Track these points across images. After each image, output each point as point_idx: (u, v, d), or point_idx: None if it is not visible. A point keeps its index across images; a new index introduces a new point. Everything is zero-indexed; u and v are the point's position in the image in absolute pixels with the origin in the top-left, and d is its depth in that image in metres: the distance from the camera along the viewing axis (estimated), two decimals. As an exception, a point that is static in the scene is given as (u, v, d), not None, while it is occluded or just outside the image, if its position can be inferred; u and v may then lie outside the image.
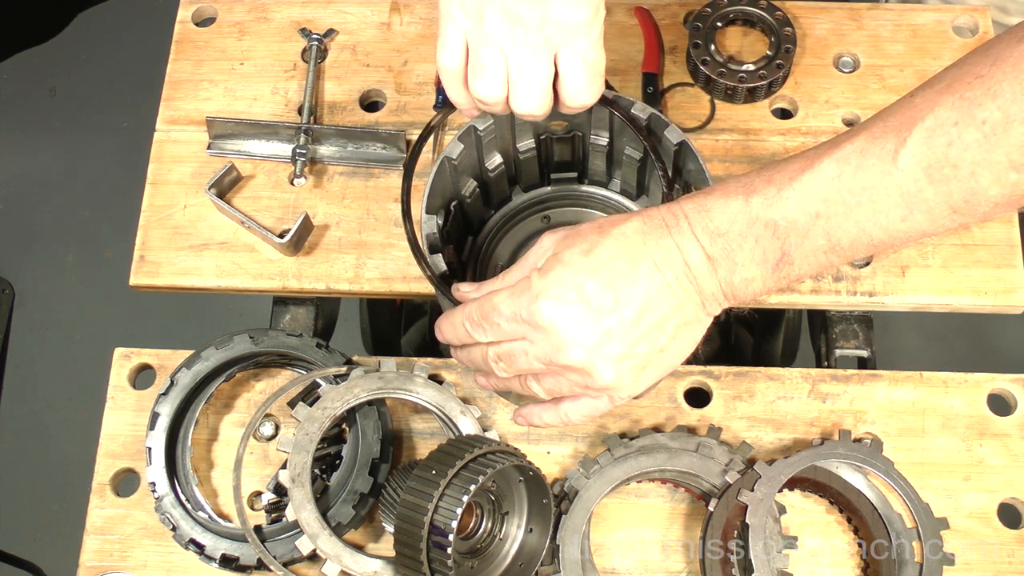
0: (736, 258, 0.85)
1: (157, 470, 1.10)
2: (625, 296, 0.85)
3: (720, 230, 0.85)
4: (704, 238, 0.85)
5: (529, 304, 0.86)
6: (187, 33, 1.35)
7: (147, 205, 1.26)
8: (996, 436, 1.13)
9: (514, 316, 0.87)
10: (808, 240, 0.84)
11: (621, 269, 0.85)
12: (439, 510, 0.94)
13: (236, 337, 1.14)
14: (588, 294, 0.84)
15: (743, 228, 0.84)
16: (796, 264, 0.85)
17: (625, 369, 0.87)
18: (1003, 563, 1.08)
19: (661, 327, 0.87)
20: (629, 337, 0.86)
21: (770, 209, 0.84)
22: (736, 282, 0.86)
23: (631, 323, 0.85)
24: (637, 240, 0.86)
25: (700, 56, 1.29)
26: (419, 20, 1.35)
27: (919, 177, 0.79)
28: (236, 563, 1.07)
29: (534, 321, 0.86)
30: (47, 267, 2.55)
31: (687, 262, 0.86)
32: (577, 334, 0.85)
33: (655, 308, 0.86)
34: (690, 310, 0.88)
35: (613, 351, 0.86)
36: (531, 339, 0.87)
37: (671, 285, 0.86)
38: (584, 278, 0.85)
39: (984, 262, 1.19)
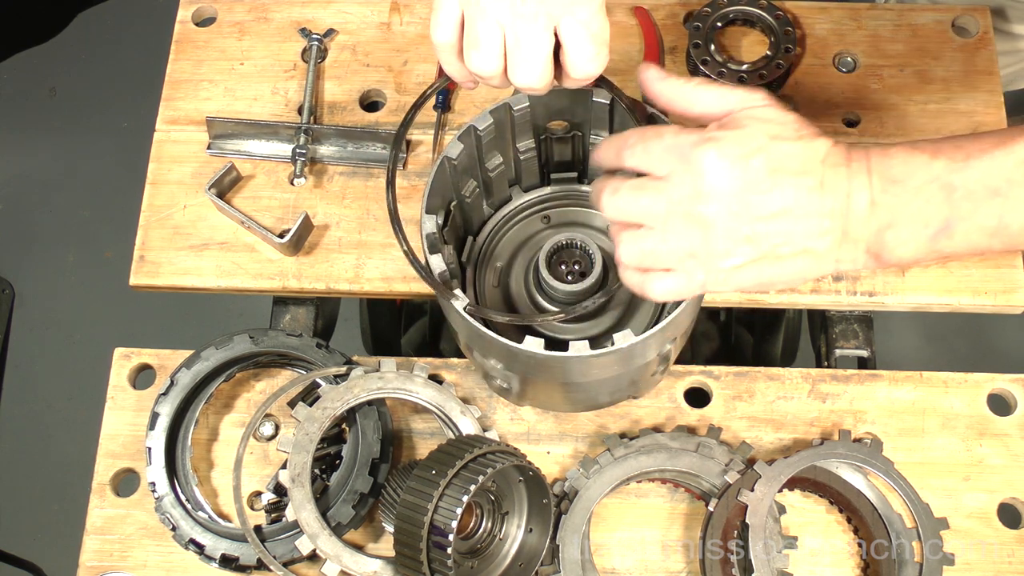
0: (899, 213, 0.83)
1: (157, 470, 1.10)
2: (780, 189, 0.82)
3: (896, 178, 0.83)
4: (877, 182, 0.83)
5: (695, 143, 0.83)
6: (187, 33, 1.35)
7: (147, 205, 1.26)
8: (996, 436, 1.13)
9: (674, 147, 0.84)
10: (977, 216, 0.82)
11: (791, 167, 0.83)
12: (439, 510, 0.94)
13: (236, 337, 1.14)
14: (752, 166, 0.82)
15: (919, 184, 0.82)
16: (955, 239, 0.83)
17: (739, 252, 0.84)
18: (1003, 563, 1.08)
19: (791, 237, 0.84)
20: (761, 227, 0.83)
21: (952, 173, 0.82)
22: (887, 239, 0.84)
23: (770, 215, 0.83)
24: (818, 155, 0.84)
25: (700, 56, 1.29)
26: (419, 20, 1.35)
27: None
28: (236, 563, 1.07)
29: (690, 158, 0.83)
30: (47, 267, 2.55)
31: (850, 196, 0.83)
32: (722, 190, 0.82)
33: (797, 217, 0.83)
34: (826, 242, 0.85)
35: (740, 228, 0.83)
36: (675, 177, 0.84)
37: (822, 208, 0.83)
38: (757, 151, 0.83)
39: (984, 262, 1.19)
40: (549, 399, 1.13)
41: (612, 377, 1.00)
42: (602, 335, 1.08)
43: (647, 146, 0.86)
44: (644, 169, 0.86)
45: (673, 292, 0.88)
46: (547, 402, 1.14)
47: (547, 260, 1.03)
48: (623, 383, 1.06)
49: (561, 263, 1.05)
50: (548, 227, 1.15)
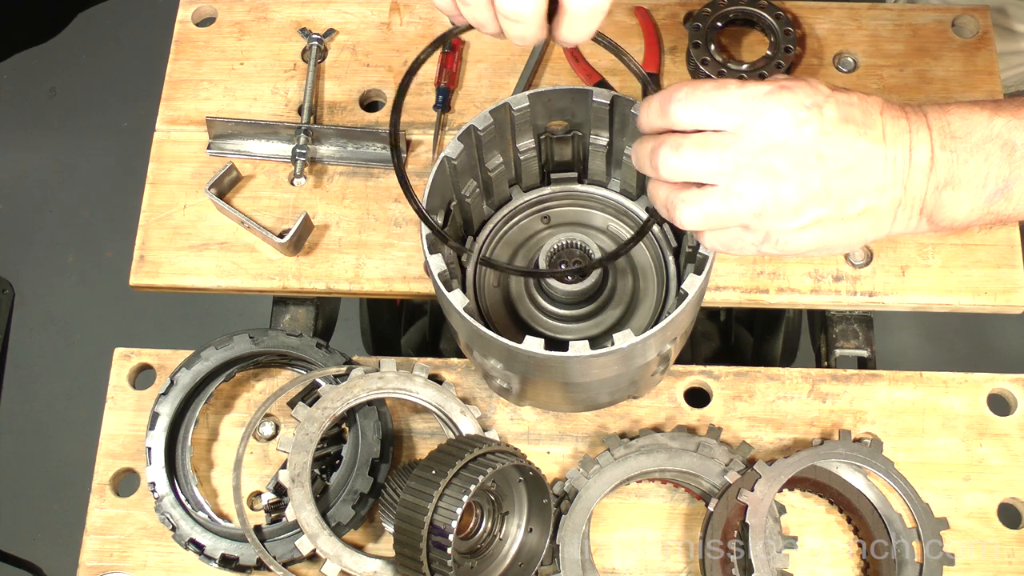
0: (958, 171, 0.82)
1: (157, 470, 1.10)
2: (851, 140, 0.81)
3: (956, 134, 0.81)
4: (938, 137, 0.82)
5: (768, 92, 0.81)
6: (187, 33, 1.35)
7: (147, 205, 1.26)
8: (996, 436, 1.13)
9: (743, 97, 0.81)
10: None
11: (858, 118, 0.81)
12: (439, 510, 0.94)
13: (236, 337, 1.14)
14: (826, 115, 0.81)
15: (979, 141, 0.81)
16: (1013, 201, 0.82)
17: (808, 211, 0.82)
18: (1003, 563, 1.08)
19: (857, 194, 0.82)
20: (833, 182, 0.81)
21: (1014, 131, 0.81)
22: (944, 198, 0.82)
23: (840, 170, 0.81)
24: (876, 107, 0.83)
25: (700, 56, 1.29)
26: (419, 20, 1.35)
27: None
28: (236, 563, 1.07)
29: (762, 109, 0.81)
30: (47, 267, 2.55)
31: (912, 149, 0.82)
32: (799, 141, 0.81)
33: (864, 171, 0.82)
34: (887, 199, 0.83)
35: (812, 183, 0.81)
36: (746, 129, 0.81)
37: (886, 162, 0.82)
38: (827, 99, 0.81)
39: (984, 262, 1.19)
40: (549, 399, 1.13)
41: (612, 377, 1.00)
42: (602, 335, 1.08)
43: (709, 97, 0.82)
44: (705, 125, 0.82)
45: (727, 247, 0.86)
46: (547, 402, 1.14)
47: (547, 260, 1.04)
48: (623, 383, 1.06)
49: (561, 263, 1.05)
50: (548, 227, 1.15)
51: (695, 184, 0.84)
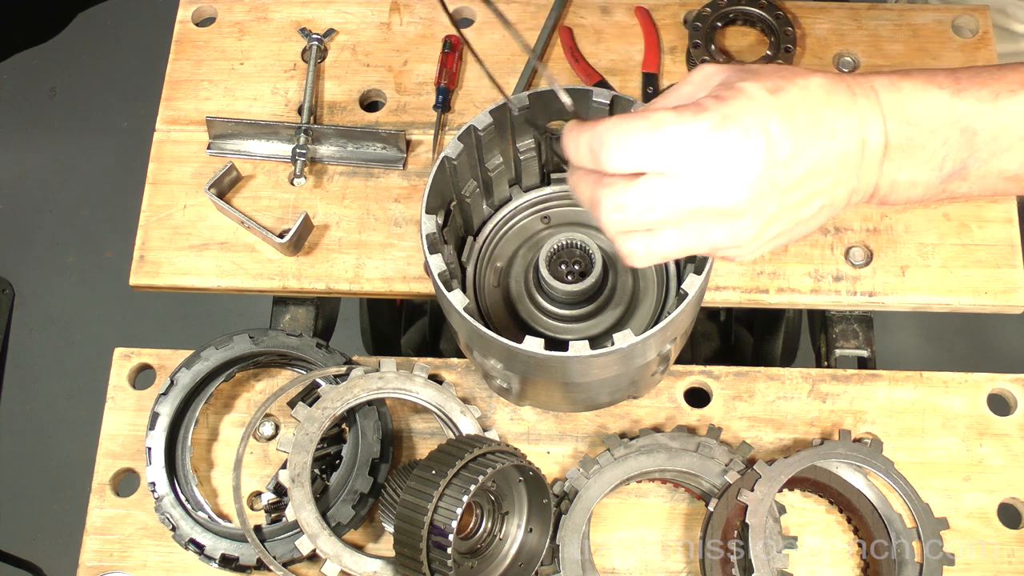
0: (915, 156, 0.76)
1: (157, 470, 1.10)
2: (803, 151, 0.74)
3: (911, 119, 0.75)
4: (892, 123, 0.76)
5: (702, 129, 0.72)
6: (187, 33, 1.35)
7: (147, 205, 1.26)
8: (996, 436, 1.13)
9: (677, 143, 0.72)
10: (997, 160, 0.76)
11: (805, 122, 0.74)
12: (439, 510, 0.94)
13: (236, 337, 1.14)
14: (773, 136, 0.73)
15: (936, 125, 0.75)
16: (969, 182, 0.77)
17: (765, 231, 0.77)
18: (1003, 563, 1.08)
19: (813, 199, 0.77)
20: (788, 200, 0.75)
21: (977, 116, 0.75)
22: (899, 180, 0.77)
23: (795, 183, 0.75)
24: (820, 96, 0.75)
25: (700, 56, 1.29)
26: (419, 20, 1.35)
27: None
28: (236, 563, 1.07)
29: (702, 151, 0.72)
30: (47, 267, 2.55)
31: (865, 140, 0.76)
32: (748, 175, 0.73)
33: (819, 176, 0.75)
34: (841, 193, 0.78)
35: (768, 208, 0.75)
36: (687, 174, 0.73)
37: (839, 158, 0.75)
38: (771, 117, 0.73)
39: (984, 262, 1.19)
40: (549, 399, 1.13)
41: (612, 377, 1.00)
42: (602, 335, 1.08)
43: (644, 143, 0.73)
44: (644, 169, 0.74)
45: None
46: (547, 402, 1.14)
47: (547, 260, 1.03)
48: (623, 383, 1.06)
49: (561, 263, 1.05)
50: (548, 227, 1.15)
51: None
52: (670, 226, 0.76)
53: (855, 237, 1.21)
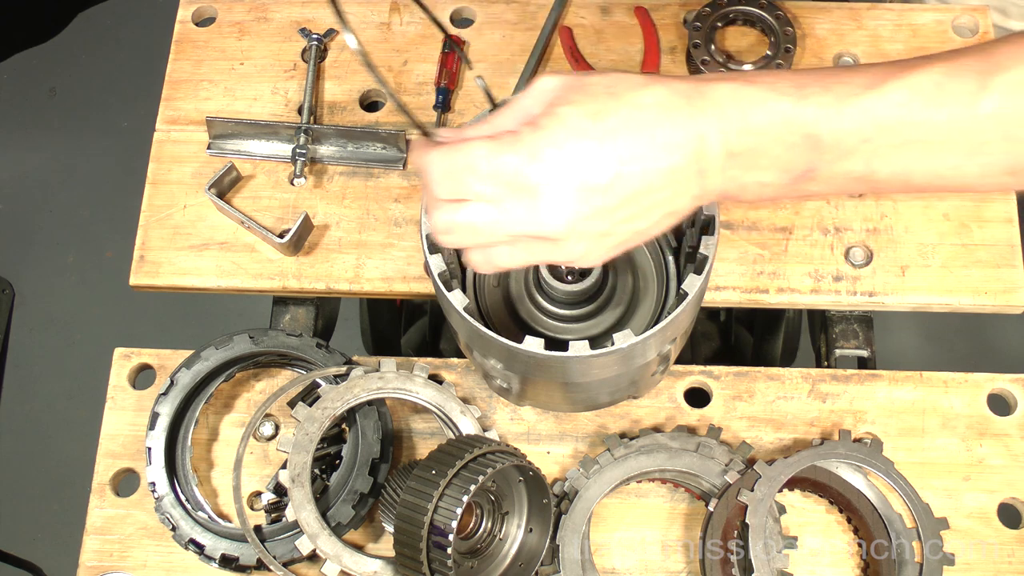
0: (759, 160, 0.76)
1: (157, 470, 1.10)
2: (626, 174, 0.74)
3: (752, 127, 0.76)
4: (732, 131, 0.76)
5: (516, 163, 0.74)
6: (187, 33, 1.35)
7: (147, 205, 1.26)
8: (996, 436, 1.13)
9: (493, 175, 0.75)
10: (844, 163, 0.76)
11: (628, 144, 0.74)
12: (439, 510, 0.94)
13: (236, 337, 1.14)
14: (586, 165, 0.74)
15: (780, 131, 0.75)
16: (819, 182, 0.77)
17: (598, 246, 0.79)
18: (1003, 563, 1.08)
19: (649, 211, 0.78)
20: (617, 216, 0.77)
21: (820, 121, 0.75)
22: (747, 183, 0.78)
23: (622, 203, 0.76)
24: (653, 114, 0.75)
25: (700, 56, 1.29)
26: (419, 20, 1.35)
27: (992, 128, 0.72)
28: (236, 563, 1.07)
29: (517, 182, 0.75)
30: (47, 267, 2.55)
31: (703, 152, 0.76)
32: (564, 205, 0.75)
33: (651, 192, 0.76)
34: (684, 200, 0.78)
35: (595, 228, 0.77)
36: (506, 204, 0.76)
37: (677, 171, 0.76)
38: (585, 146, 0.74)
39: (984, 262, 1.19)
40: (549, 399, 1.13)
41: (612, 377, 1.00)
42: (602, 335, 1.08)
43: (461, 177, 0.76)
44: (462, 198, 0.78)
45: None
46: (547, 402, 1.14)
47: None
48: (623, 383, 1.06)
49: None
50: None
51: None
52: (501, 244, 0.79)
53: (855, 237, 1.21)
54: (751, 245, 1.21)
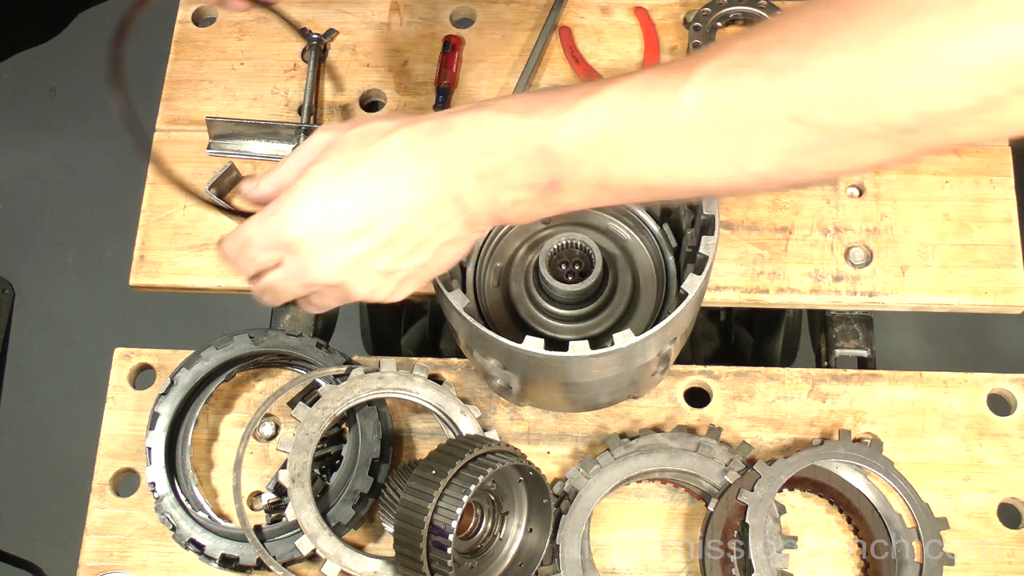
0: (506, 179, 0.80)
1: (157, 470, 1.10)
2: (380, 217, 0.81)
3: (491, 148, 0.80)
4: (474, 156, 0.80)
5: (278, 228, 0.83)
6: (187, 33, 1.35)
7: (147, 205, 1.26)
8: (996, 436, 1.13)
9: (266, 244, 0.85)
10: (580, 171, 0.78)
11: (377, 189, 0.81)
12: (439, 510, 0.94)
13: (236, 337, 1.14)
14: (336, 216, 0.82)
15: (516, 149, 0.79)
16: (567, 193, 0.80)
17: (386, 283, 0.85)
18: (1003, 563, 1.08)
19: (421, 246, 0.83)
20: (388, 256, 0.83)
21: (546, 133, 0.78)
22: (504, 202, 0.81)
23: (386, 243, 0.83)
24: (398, 157, 0.81)
25: (700, 56, 1.28)
26: (419, 20, 1.35)
27: (701, 118, 0.73)
28: (236, 563, 1.07)
29: (283, 243, 0.84)
30: (47, 267, 2.55)
31: (453, 180, 0.81)
32: (327, 254, 0.83)
33: (415, 229, 0.82)
34: (454, 228, 0.83)
35: (372, 268, 0.84)
36: (287, 263, 0.85)
37: (433, 203, 0.82)
38: (333, 200, 0.82)
39: (984, 262, 1.19)
40: (549, 399, 1.13)
41: (612, 377, 1.00)
42: (602, 335, 1.08)
43: (245, 256, 0.87)
44: (256, 271, 0.88)
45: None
46: (547, 402, 1.14)
47: (547, 260, 1.04)
48: (623, 383, 1.06)
49: (561, 263, 1.05)
50: (548, 227, 1.15)
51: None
52: (309, 294, 0.88)
53: (855, 237, 1.21)
54: (751, 245, 1.21)
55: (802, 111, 0.69)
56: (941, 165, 1.24)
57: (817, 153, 0.71)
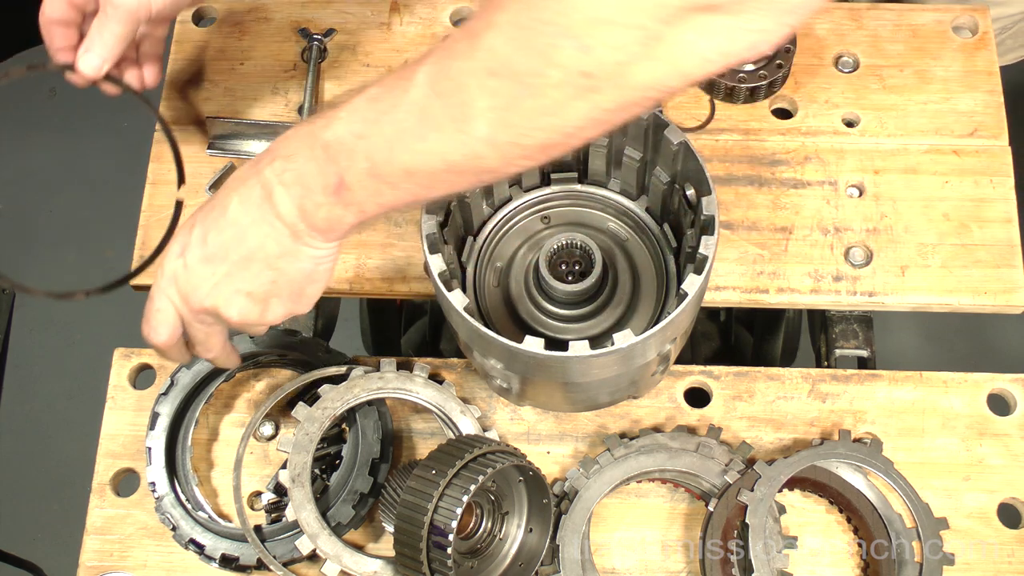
0: (306, 183, 0.86)
1: (157, 470, 1.10)
2: (225, 240, 0.90)
3: (289, 154, 0.86)
4: (279, 167, 0.87)
5: (159, 274, 0.94)
6: (187, 33, 1.35)
7: (147, 205, 1.26)
8: (996, 436, 1.13)
9: (156, 295, 0.95)
10: (355, 163, 0.83)
11: (218, 216, 0.90)
12: (439, 510, 0.94)
13: (236, 337, 1.14)
14: (194, 246, 0.91)
15: (307, 152, 0.85)
16: (354, 191, 0.85)
17: (248, 305, 0.92)
18: (1003, 563, 1.08)
19: (259, 261, 0.90)
20: (242, 275, 0.90)
21: (326, 130, 0.84)
22: (310, 208, 0.87)
23: (237, 262, 0.90)
24: (234, 184, 0.90)
25: (700, 56, 1.28)
26: (419, 20, 1.35)
27: (428, 92, 0.78)
28: (236, 563, 1.07)
29: (164, 283, 0.94)
30: (47, 267, 2.55)
31: (268, 193, 0.87)
32: (196, 279, 0.92)
33: (246, 243, 0.89)
34: (280, 241, 0.89)
35: (231, 288, 0.91)
36: (171, 297, 0.94)
37: (257, 218, 0.88)
38: (194, 234, 0.91)
39: (984, 262, 1.19)
40: (549, 399, 1.13)
41: (612, 377, 1.00)
42: (602, 335, 1.08)
43: (149, 317, 0.96)
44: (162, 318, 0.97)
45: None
46: (547, 402, 1.14)
47: (547, 260, 1.04)
48: (623, 383, 1.06)
49: (561, 263, 1.05)
50: (548, 227, 1.15)
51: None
52: (186, 326, 0.96)
53: (855, 237, 1.21)
54: (751, 245, 1.21)
55: (495, 64, 0.74)
56: (941, 165, 1.25)
57: (520, 107, 0.75)
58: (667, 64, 0.72)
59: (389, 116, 0.81)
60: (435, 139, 0.79)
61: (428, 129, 0.79)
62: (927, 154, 1.25)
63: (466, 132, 0.78)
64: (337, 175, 0.84)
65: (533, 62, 0.73)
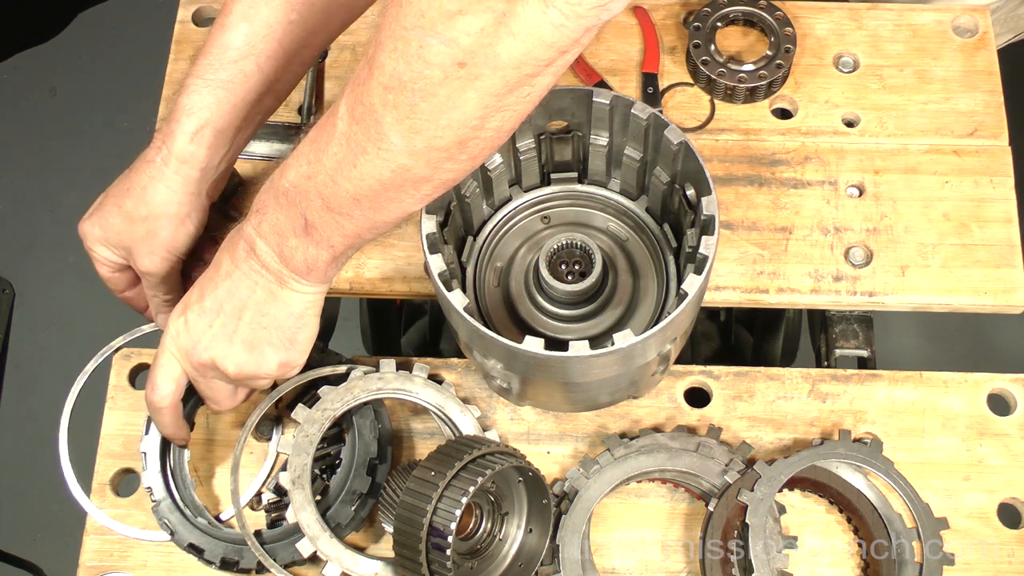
0: (279, 228, 0.92)
1: (153, 474, 1.09)
2: (219, 294, 0.96)
3: (261, 208, 0.93)
4: (255, 220, 0.93)
5: (175, 328, 0.99)
6: (187, 33, 1.35)
7: (147, 205, 1.26)
8: (996, 436, 1.13)
9: (165, 351, 1.00)
10: (311, 201, 0.88)
11: (213, 274, 0.97)
12: (438, 511, 0.94)
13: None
14: (192, 302, 0.98)
15: (273, 202, 0.92)
16: (320, 228, 0.90)
17: (245, 355, 0.97)
18: (1003, 563, 1.08)
19: (250, 309, 0.96)
20: (236, 324, 0.96)
21: (282, 178, 0.91)
22: (287, 253, 0.93)
23: (231, 313, 0.96)
24: (226, 244, 0.97)
25: (700, 56, 1.29)
26: (419, 20, 1.35)
27: (349, 121, 0.83)
28: (236, 566, 1.07)
29: (168, 340, 1.00)
30: (47, 267, 2.55)
31: (250, 247, 0.94)
32: (195, 333, 0.97)
33: (238, 293, 0.95)
34: (270, 287, 0.95)
35: (227, 337, 0.96)
36: (176, 357, 1.00)
37: (244, 268, 0.95)
38: (193, 295, 0.98)
39: (984, 262, 1.19)
40: (549, 399, 1.13)
41: (612, 377, 1.00)
42: (602, 335, 1.08)
43: (154, 376, 1.02)
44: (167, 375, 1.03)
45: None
46: (547, 402, 1.14)
47: (547, 260, 1.04)
48: (623, 383, 1.06)
49: (561, 263, 1.05)
50: (548, 227, 1.15)
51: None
52: (192, 379, 1.02)
53: (855, 237, 1.21)
54: (751, 245, 1.21)
55: (386, 79, 0.78)
56: (941, 165, 1.25)
57: (419, 111, 0.79)
58: (528, 36, 0.75)
59: (326, 152, 0.86)
60: (364, 162, 0.84)
61: (356, 155, 0.84)
62: (927, 154, 1.25)
63: (385, 148, 0.82)
64: (301, 216, 0.90)
65: (414, 67, 0.77)
